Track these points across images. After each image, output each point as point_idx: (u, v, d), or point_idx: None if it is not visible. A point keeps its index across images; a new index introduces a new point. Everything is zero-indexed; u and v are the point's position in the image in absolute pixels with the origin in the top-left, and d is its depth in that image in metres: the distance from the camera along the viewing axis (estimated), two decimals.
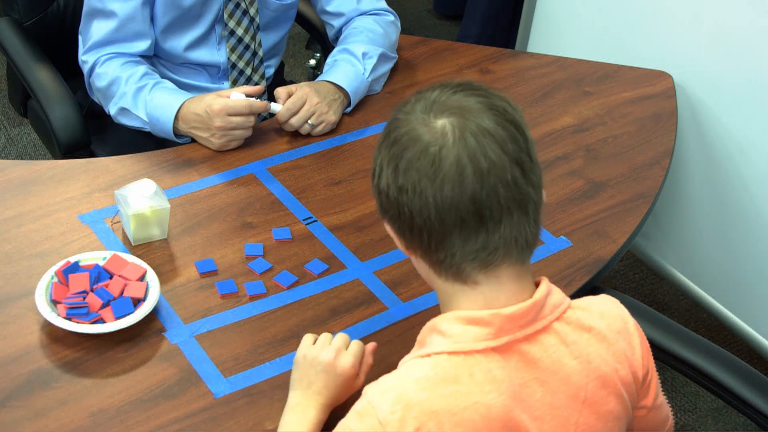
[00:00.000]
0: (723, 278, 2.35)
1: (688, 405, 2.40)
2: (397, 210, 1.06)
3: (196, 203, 1.68)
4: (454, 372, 1.05)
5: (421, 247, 1.07)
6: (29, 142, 3.06)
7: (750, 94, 2.13)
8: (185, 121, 1.80)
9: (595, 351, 1.12)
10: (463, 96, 1.06)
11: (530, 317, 1.08)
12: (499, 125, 1.04)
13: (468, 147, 1.02)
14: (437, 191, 1.02)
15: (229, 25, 1.96)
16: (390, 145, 1.06)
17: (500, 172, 1.03)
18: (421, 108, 1.06)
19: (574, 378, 1.10)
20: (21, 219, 1.60)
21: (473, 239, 1.04)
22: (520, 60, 2.26)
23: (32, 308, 1.41)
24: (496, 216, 1.03)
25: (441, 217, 1.03)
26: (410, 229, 1.06)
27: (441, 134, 1.03)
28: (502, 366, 1.06)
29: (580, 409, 1.11)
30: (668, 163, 1.90)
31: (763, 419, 1.45)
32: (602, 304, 1.18)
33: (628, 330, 1.17)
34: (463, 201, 1.02)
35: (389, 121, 1.10)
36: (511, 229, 1.05)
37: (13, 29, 2.12)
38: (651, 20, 2.33)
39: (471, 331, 1.06)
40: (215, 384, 1.35)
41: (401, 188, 1.04)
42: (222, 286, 1.51)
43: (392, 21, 2.10)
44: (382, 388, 1.06)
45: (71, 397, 1.32)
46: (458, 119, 1.04)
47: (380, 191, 1.08)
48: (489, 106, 1.06)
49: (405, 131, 1.05)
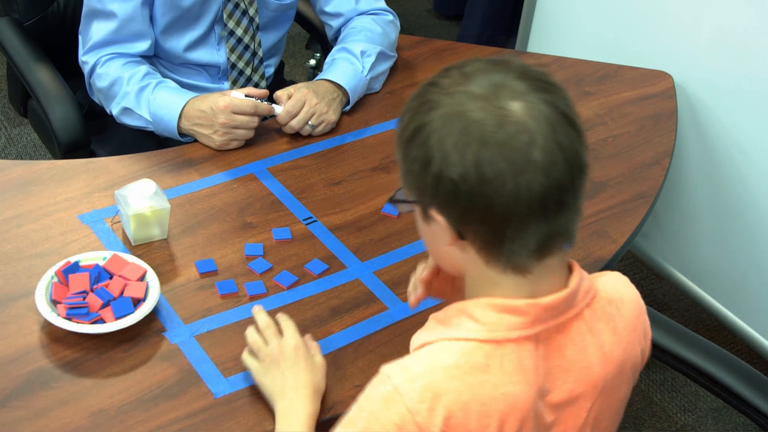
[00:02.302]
0: (723, 278, 2.35)
1: (688, 405, 2.40)
2: (469, 201, 0.99)
3: (196, 203, 1.68)
4: (485, 361, 1.02)
5: (487, 238, 1.02)
6: (29, 142, 3.06)
7: (750, 94, 2.13)
8: (188, 118, 1.80)
9: (617, 340, 1.12)
10: (522, 77, 1.01)
11: (564, 306, 1.07)
12: (568, 106, 1.02)
13: (555, 133, 0.98)
14: (531, 181, 0.97)
15: (228, 25, 1.96)
16: (461, 131, 0.98)
17: (580, 158, 1.01)
18: (485, 89, 1.00)
19: (595, 368, 1.10)
20: (21, 219, 1.60)
21: (545, 226, 1.00)
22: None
23: (32, 308, 1.41)
24: (569, 201, 1.01)
25: (530, 208, 0.98)
26: (482, 220, 1.00)
27: (523, 120, 0.97)
28: (532, 355, 1.05)
29: (596, 397, 1.11)
30: (668, 163, 1.90)
31: (763, 419, 1.45)
32: (622, 286, 1.17)
33: (643, 314, 1.17)
34: (552, 189, 0.98)
35: (440, 96, 1.02)
36: (572, 213, 1.03)
37: (13, 29, 2.12)
38: (651, 20, 2.33)
39: (505, 319, 1.04)
40: (215, 384, 1.35)
41: (486, 180, 0.97)
42: (222, 286, 1.51)
43: (391, 20, 2.10)
44: (410, 375, 1.02)
45: (71, 397, 1.32)
46: (532, 101, 0.99)
47: (444, 178, 0.99)
48: (551, 84, 1.03)
49: (479, 118, 0.97)
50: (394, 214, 1.69)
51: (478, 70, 1.03)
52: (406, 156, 1.04)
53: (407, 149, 1.03)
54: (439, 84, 1.03)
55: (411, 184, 1.05)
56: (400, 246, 1.62)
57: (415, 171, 1.03)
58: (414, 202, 1.07)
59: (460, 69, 1.04)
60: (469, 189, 0.98)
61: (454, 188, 0.99)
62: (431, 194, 1.02)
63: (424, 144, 1.01)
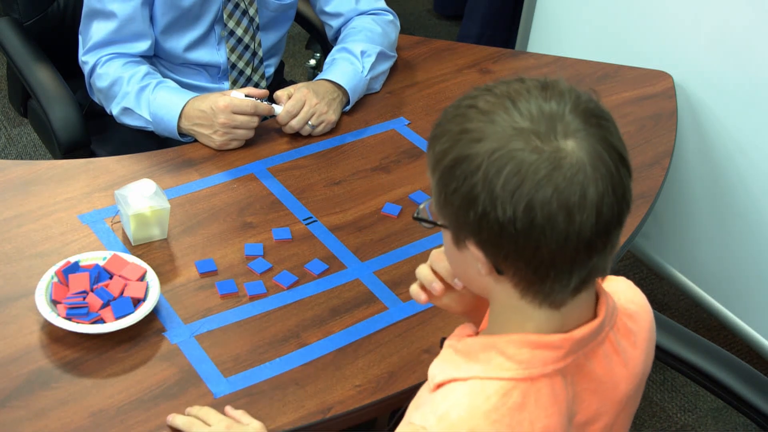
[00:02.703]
0: (723, 278, 2.35)
1: (688, 405, 2.40)
2: (515, 244, 0.93)
3: (196, 203, 1.68)
4: (522, 400, 0.99)
5: (528, 278, 0.97)
6: (29, 142, 3.06)
7: (750, 94, 2.13)
8: (188, 118, 1.80)
9: (638, 354, 1.11)
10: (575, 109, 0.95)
11: (595, 335, 1.04)
12: (620, 141, 0.96)
13: (608, 175, 0.93)
14: (583, 225, 0.92)
15: (228, 25, 1.96)
16: (511, 175, 0.91)
17: (628, 195, 0.96)
18: (534, 122, 0.93)
19: (621, 386, 1.09)
20: (21, 219, 1.60)
21: (589, 265, 0.96)
22: (520, 60, 2.26)
23: (32, 308, 1.41)
24: (614, 240, 0.97)
25: (577, 250, 0.93)
26: (527, 262, 0.95)
27: (579, 161, 0.91)
28: (563, 384, 1.02)
29: (619, 413, 1.10)
30: (668, 163, 1.90)
31: (763, 419, 1.45)
32: (635, 297, 1.15)
33: (653, 324, 1.16)
34: (601, 230, 0.93)
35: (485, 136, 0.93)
36: (613, 249, 0.98)
37: (13, 29, 2.12)
38: (651, 20, 2.33)
39: (540, 356, 1.00)
40: (215, 384, 1.35)
41: (536, 224, 0.91)
42: (222, 286, 1.51)
43: (391, 20, 2.10)
44: (447, 425, 0.97)
45: (71, 397, 1.32)
46: (587, 139, 0.93)
47: (490, 219, 0.93)
48: (604, 118, 0.97)
49: (532, 161, 0.91)
50: (394, 214, 1.69)
51: (522, 95, 0.95)
52: (445, 185, 0.96)
53: (446, 179, 0.96)
54: (479, 108, 0.95)
55: (448, 215, 0.99)
56: (400, 246, 1.62)
57: (455, 204, 0.96)
58: (447, 227, 1.01)
59: (503, 89, 0.96)
60: (517, 233, 0.92)
61: (500, 230, 0.93)
62: (472, 231, 0.96)
63: (468, 179, 0.93)
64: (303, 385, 1.37)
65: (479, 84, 1.01)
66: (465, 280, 1.07)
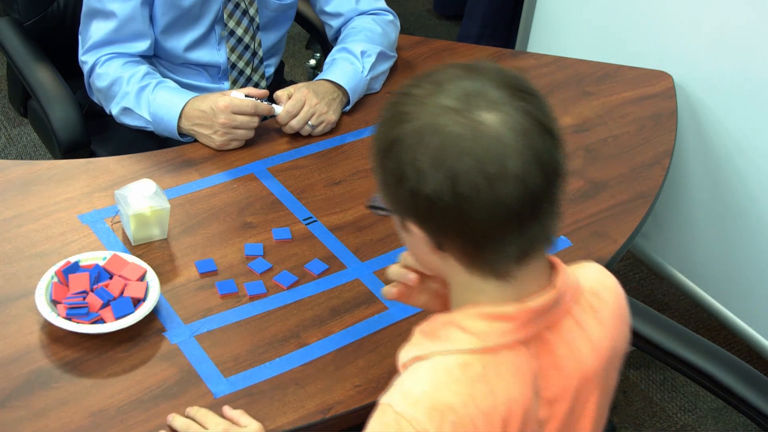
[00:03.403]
0: (723, 278, 2.35)
1: (688, 405, 2.40)
2: (447, 216, 0.98)
3: (196, 203, 1.68)
4: (483, 371, 1.02)
5: (466, 249, 1.01)
6: (29, 142, 3.06)
7: (750, 94, 2.13)
8: (188, 118, 1.80)
9: (604, 331, 1.12)
10: (499, 85, 0.99)
11: (553, 306, 1.07)
12: (545, 113, 1.00)
13: (532, 146, 0.97)
14: (506, 195, 0.96)
15: (228, 25, 1.96)
16: (437, 149, 0.96)
17: (557, 166, 1.00)
18: (457, 100, 0.97)
19: (588, 362, 1.10)
20: (21, 219, 1.60)
21: (526, 234, 1.00)
22: (520, 60, 2.26)
23: (32, 308, 1.41)
24: (547, 207, 1.01)
25: (506, 219, 0.97)
26: (459, 233, 1.00)
27: (499, 132, 0.96)
28: (525, 356, 1.05)
29: (591, 390, 1.11)
30: (668, 163, 1.90)
31: (763, 419, 1.45)
32: (602, 276, 1.18)
33: (623, 297, 1.18)
34: (527, 199, 0.97)
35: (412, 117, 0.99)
36: (552, 218, 1.02)
37: (13, 29, 2.12)
38: (651, 20, 2.33)
39: (496, 326, 1.04)
40: (215, 384, 1.35)
41: (461, 195, 0.96)
42: (222, 286, 1.51)
43: (391, 20, 2.10)
44: (412, 399, 1.01)
45: (71, 397, 1.32)
46: (507, 111, 0.97)
47: (420, 194, 0.98)
48: (528, 92, 1.00)
49: (456, 134, 0.96)
50: None
51: (450, 78, 1.00)
52: (381, 168, 1.03)
53: (382, 162, 1.03)
54: (412, 94, 1.01)
55: (387, 195, 1.05)
56: (401, 246, 1.62)
57: (390, 184, 1.02)
58: (391, 212, 1.07)
59: (433, 77, 1.02)
60: (445, 205, 0.97)
61: (430, 204, 0.98)
62: (407, 208, 1.02)
63: (398, 159, 0.99)
64: (303, 385, 1.37)
65: None
66: (422, 264, 1.12)
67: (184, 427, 1.27)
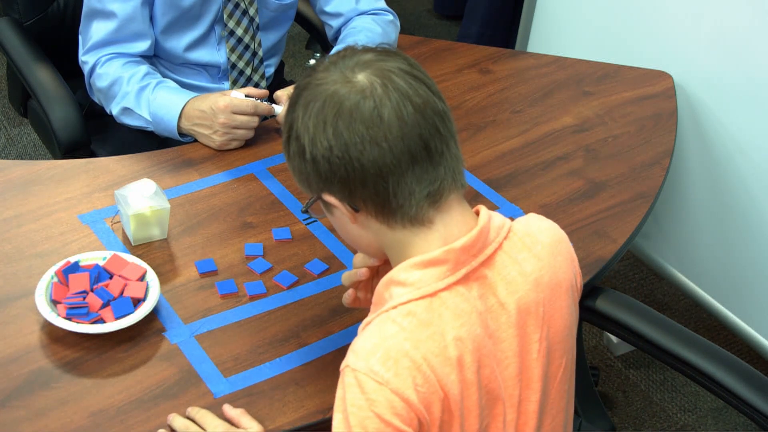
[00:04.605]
0: (723, 278, 2.35)
1: (688, 405, 2.40)
2: (344, 170, 1.07)
3: (196, 203, 1.68)
4: (426, 315, 1.08)
5: (376, 200, 1.09)
6: (29, 142, 3.06)
7: (750, 94, 2.13)
8: (188, 118, 1.80)
9: (541, 265, 1.16)
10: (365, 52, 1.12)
11: (480, 244, 1.12)
12: (414, 68, 1.11)
13: (399, 90, 1.07)
14: (386, 133, 1.06)
15: (228, 25, 1.96)
16: (318, 111, 1.08)
17: (433, 106, 1.09)
18: (337, 71, 1.09)
19: (531, 295, 1.14)
20: (21, 219, 1.60)
21: (425, 175, 1.08)
22: (520, 60, 2.26)
23: (32, 308, 1.41)
24: (440, 147, 1.09)
25: (396, 157, 1.06)
26: (363, 183, 1.08)
27: (369, 85, 1.07)
28: (466, 298, 1.10)
29: (541, 325, 1.15)
30: (668, 163, 1.90)
31: (763, 419, 1.45)
32: (536, 219, 1.23)
33: (564, 238, 1.23)
34: (412, 138, 1.06)
35: (300, 91, 1.11)
36: (451, 159, 1.10)
37: (13, 29, 2.12)
38: (651, 20, 2.33)
39: (430, 273, 1.09)
40: (215, 384, 1.35)
41: (348, 144, 1.06)
42: (222, 286, 1.51)
43: (391, 20, 2.10)
44: (364, 353, 1.07)
45: (71, 397, 1.32)
46: (377, 71, 1.08)
47: (318, 158, 1.09)
48: (393, 53, 1.12)
49: (331, 92, 1.08)
50: None
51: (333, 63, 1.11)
52: (288, 156, 1.14)
53: (287, 148, 1.13)
54: (305, 83, 1.12)
55: (300, 180, 1.14)
56: None
57: (297, 165, 1.12)
58: (314, 199, 1.15)
59: (320, 66, 1.12)
60: (339, 160, 1.07)
61: (328, 164, 1.08)
62: (315, 180, 1.11)
63: (296, 136, 1.11)
64: (303, 385, 1.37)
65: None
66: (353, 242, 1.19)
67: (183, 428, 1.27)
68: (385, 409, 1.04)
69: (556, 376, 1.20)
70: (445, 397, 1.07)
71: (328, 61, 1.13)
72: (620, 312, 1.60)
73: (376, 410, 1.05)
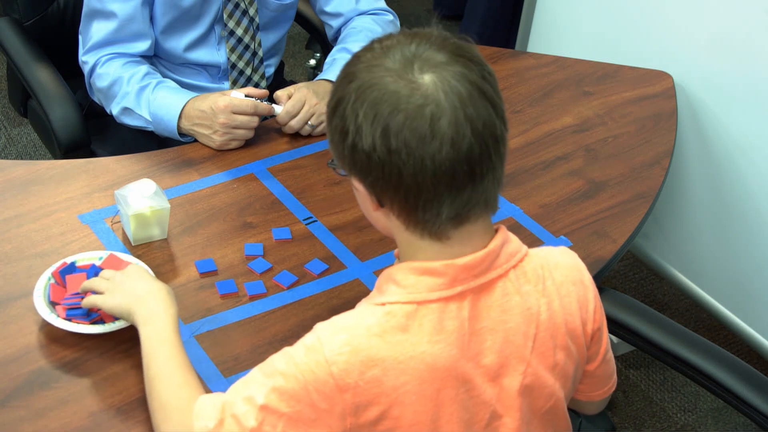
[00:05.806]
0: (723, 278, 2.35)
1: (688, 405, 2.40)
2: (381, 171, 1.03)
3: (196, 203, 1.68)
4: (405, 321, 1.06)
5: (403, 205, 1.06)
6: (29, 142, 3.06)
7: (750, 94, 2.13)
8: (188, 118, 1.80)
9: (546, 301, 1.13)
10: (440, 49, 1.04)
11: (484, 266, 1.09)
12: (486, 80, 1.04)
13: (463, 107, 1.01)
14: (436, 152, 1.00)
15: (228, 25, 1.96)
16: (372, 103, 1.02)
17: (493, 130, 1.03)
18: (399, 63, 1.03)
19: (523, 327, 1.12)
20: (21, 219, 1.60)
21: (459, 198, 1.04)
22: (520, 60, 2.26)
23: (32, 308, 1.41)
24: (485, 172, 1.04)
25: (436, 178, 1.02)
26: (395, 189, 1.04)
27: (433, 94, 1.01)
28: (455, 316, 1.08)
29: (528, 359, 1.12)
30: (668, 163, 1.90)
31: (763, 419, 1.45)
32: (560, 255, 1.19)
33: (584, 282, 1.18)
34: (459, 161, 1.01)
35: (358, 77, 1.04)
36: (491, 183, 1.06)
37: (13, 29, 2.12)
38: (651, 20, 2.33)
39: (425, 281, 1.08)
40: (215, 384, 1.35)
41: (392, 150, 1.01)
42: (222, 286, 1.51)
43: (391, 20, 2.10)
44: (334, 328, 1.08)
45: (71, 397, 1.32)
46: (444, 74, 1.02)
47: (359, 150, 1.04)
48: (468, 58, 1.04)
49: (392, 90, 1.01)
50: None
51: (396, 44, 1.05)
52: (330, 126, 1.09)
53: (330, 120, 1.08)
54: (361, 58, 1.07)
55: (335, 152, 1.10)
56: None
57: (336, 141, 1.08)
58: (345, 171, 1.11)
59: (383, 43, 1.07)
60: (379, 160, 1.03)
61: (367, 159, 1.04)
62: (350, 164, 1.07)
63: (342, 115, 1.05)
64: None
65: None
66: (373, 222, 1.17)
67: (88, 285, 1.35)
68: (312, 382, 1.05)
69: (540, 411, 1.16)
70: (392, 406, 1.06)
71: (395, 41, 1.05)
72: (620, 312, 1.60)
73: (305, 377, 1.05)
